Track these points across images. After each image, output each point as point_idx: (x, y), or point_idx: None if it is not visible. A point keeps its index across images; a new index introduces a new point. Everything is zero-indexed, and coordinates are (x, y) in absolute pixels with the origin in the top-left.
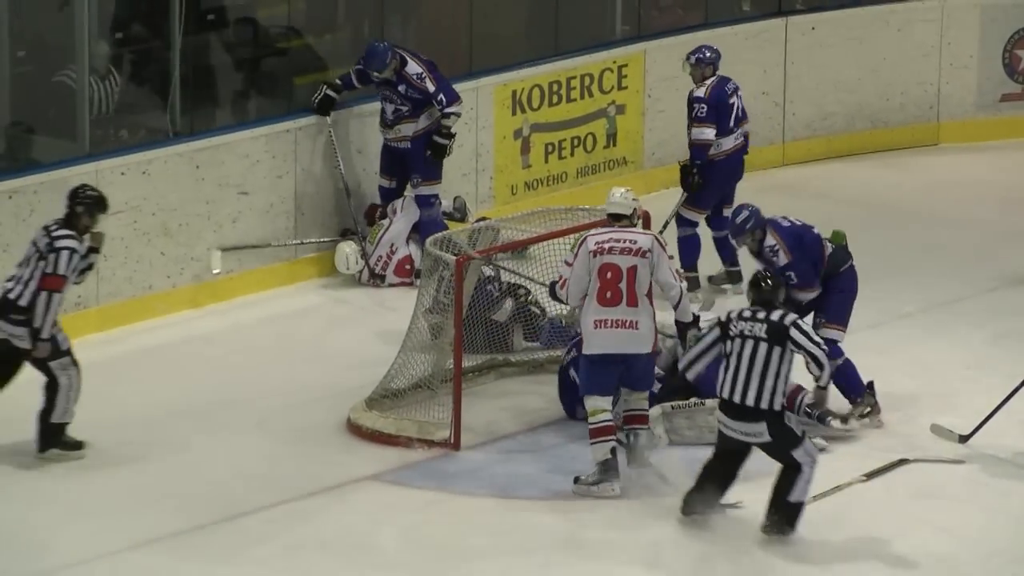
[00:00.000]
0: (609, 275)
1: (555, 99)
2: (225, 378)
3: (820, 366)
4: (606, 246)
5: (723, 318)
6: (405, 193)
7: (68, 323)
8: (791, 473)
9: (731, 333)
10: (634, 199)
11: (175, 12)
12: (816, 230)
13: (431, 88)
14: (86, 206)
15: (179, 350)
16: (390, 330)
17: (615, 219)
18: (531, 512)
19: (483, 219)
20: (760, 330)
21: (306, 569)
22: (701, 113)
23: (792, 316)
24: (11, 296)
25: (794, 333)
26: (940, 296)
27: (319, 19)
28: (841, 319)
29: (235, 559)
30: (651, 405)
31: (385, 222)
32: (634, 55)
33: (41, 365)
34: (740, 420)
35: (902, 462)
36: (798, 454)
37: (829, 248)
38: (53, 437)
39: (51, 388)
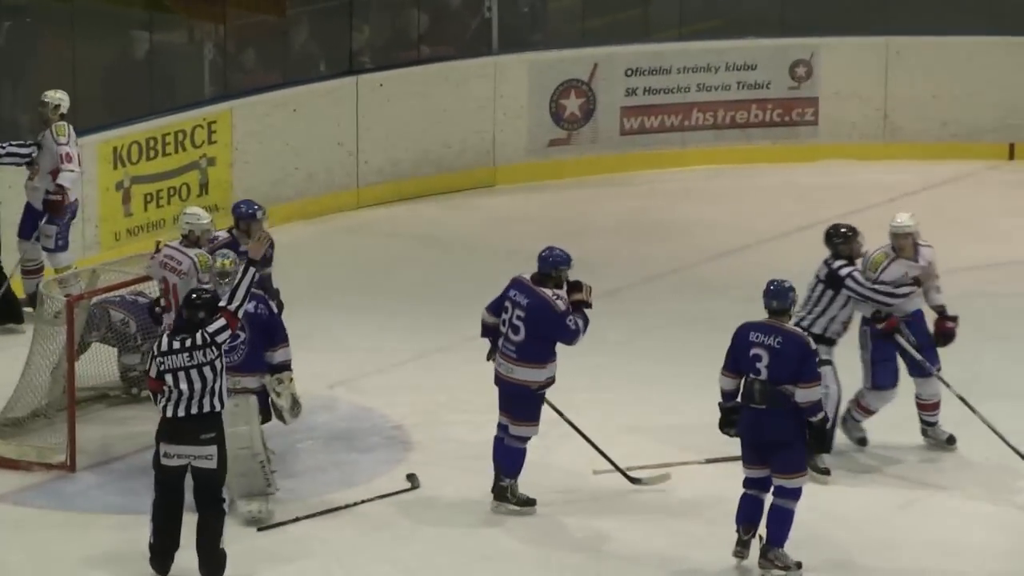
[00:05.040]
0: (162, 287)
1: (152, 154)
2: None
3: None
4: (164, 260)
5: None
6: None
7: None
8: None
9: None
10: (186, 223)
11: None
12: None
13: None
14: None
15: None
16: (8, 362)
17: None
18: (146, 528)
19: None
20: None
21: None
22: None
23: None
24: None
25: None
26: None
27: None
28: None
29: None
30: None
31: None
32: (222, 113)
33: None
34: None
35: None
36: None
37: None
38: None
39: None
